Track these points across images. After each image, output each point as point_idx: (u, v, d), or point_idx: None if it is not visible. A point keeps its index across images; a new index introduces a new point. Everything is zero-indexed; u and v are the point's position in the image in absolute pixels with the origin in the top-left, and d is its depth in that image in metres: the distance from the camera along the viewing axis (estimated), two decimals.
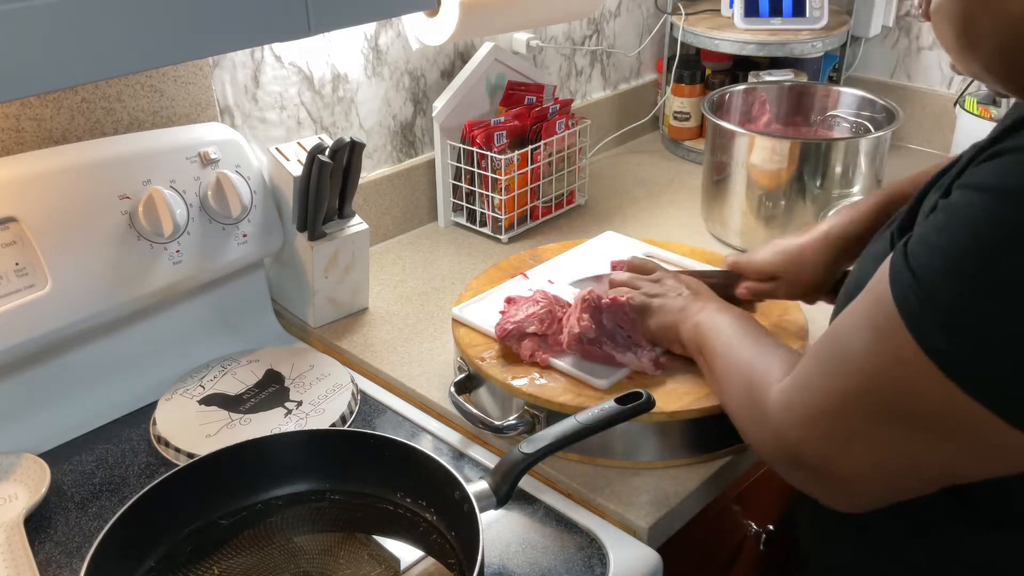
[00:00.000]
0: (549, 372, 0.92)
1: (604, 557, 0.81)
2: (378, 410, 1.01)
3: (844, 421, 0.62)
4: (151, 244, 0.98)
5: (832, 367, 0.63)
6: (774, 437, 0.69)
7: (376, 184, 1.33)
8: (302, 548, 0.80)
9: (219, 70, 1.12)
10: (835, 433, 0.63)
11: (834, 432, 0.63)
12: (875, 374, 0.59)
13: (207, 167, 1.02)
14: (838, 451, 0.63)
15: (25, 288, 0.90)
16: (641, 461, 0.89)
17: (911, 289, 0.56)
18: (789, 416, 0.67)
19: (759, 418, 0.71)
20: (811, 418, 0.64)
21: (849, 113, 1.43)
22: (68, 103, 0.98)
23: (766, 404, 0.70)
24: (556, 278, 1.09)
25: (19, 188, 0.90)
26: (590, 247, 1.17)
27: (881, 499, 0.65)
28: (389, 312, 1.18)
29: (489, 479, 0.77)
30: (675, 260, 1.12)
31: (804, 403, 0.65)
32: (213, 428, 0.95)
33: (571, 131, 1.39)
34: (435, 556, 0.78)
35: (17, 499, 0.85)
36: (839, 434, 0.63)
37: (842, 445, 0.63)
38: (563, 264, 1.13)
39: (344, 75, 1.25)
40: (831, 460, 0.64)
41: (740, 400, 0.76)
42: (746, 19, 1.56)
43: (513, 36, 1.42)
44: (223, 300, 1.11)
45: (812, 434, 0.64)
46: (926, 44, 1.69)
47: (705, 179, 1.38)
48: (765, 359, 0.76)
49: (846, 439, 0.62)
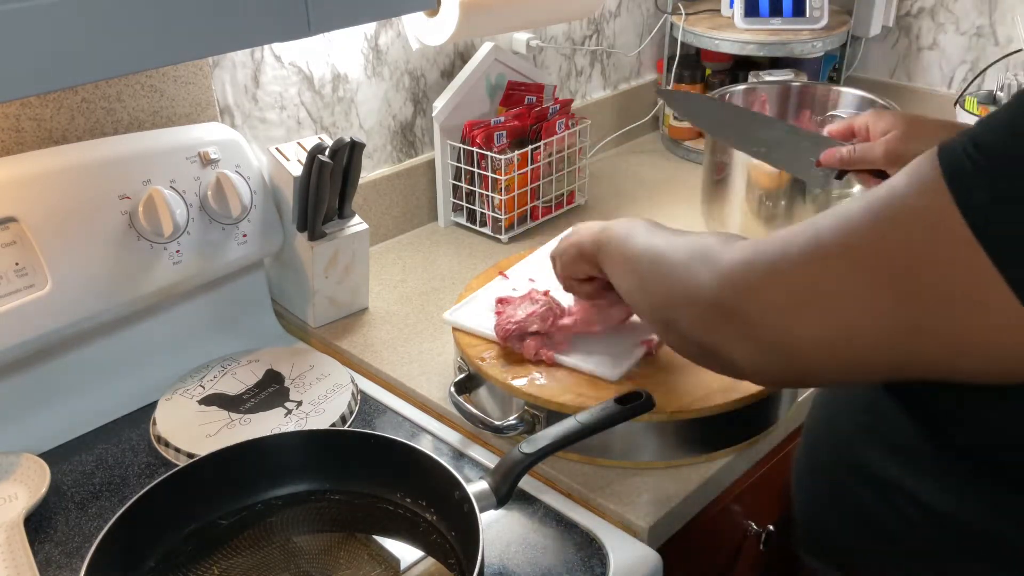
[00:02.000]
0: (549, 372, 0.92)
1: (604, 557, 0.81)
2: (378, 410, 1.01)
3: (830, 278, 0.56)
4: (151, 244, 0.98)
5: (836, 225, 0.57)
6: (710, 285, 0.63)
7: (376, 184, 1.33)
8: (302, 548, 0.80)
9: (219, 70, 1.12)
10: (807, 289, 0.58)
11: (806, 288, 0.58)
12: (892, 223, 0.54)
13: (207, 167, 1.02)
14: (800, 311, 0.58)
15: (25, 288, 0.90)
16: (641, 461, 0.89)
17: (964, 151, 0.51)
18: (749, 264, 0.61)
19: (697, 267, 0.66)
20: (780, 270, 0.59)
21: (849, 113, 1.43)
22: (68, 103, 0.98)
23: (717, 255, 0.64)
24: (536, 275, 1.09)
25: (19, 188, 0.90)
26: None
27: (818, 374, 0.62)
28: (389, 312, 1.18)
29: (489, 479, 0.77)
30: None
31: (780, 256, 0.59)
32: (213, 428, 0.95)
33: (571, 131, 1.39)
34: (435, 556, 0.78)
35: (17, 499, 0.85)
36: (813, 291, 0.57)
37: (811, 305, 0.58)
38: (539, 261, 1.13)
39: (344, 75, 1.25)
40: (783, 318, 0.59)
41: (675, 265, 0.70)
42: (746, 19, 1.56)
43: (513, 36, 1.42)
44: (223, 300, 1.11)
45: (772, 286, 0.59)
46: (926, 44, 1.69)
47: (705, 179, 1.38)
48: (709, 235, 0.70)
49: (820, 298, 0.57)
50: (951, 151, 0.52)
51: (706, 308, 0.65)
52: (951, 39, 1.65)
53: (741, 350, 0.63)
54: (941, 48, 1.67)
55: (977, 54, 1.63)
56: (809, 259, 0.58)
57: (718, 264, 0.64)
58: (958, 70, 1.66)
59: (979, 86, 1.60)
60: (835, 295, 0.56)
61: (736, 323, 0.62)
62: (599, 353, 0.93)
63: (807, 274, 0.58)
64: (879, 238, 0.55)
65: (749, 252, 0.62)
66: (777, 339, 0.60)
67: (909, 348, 0.56)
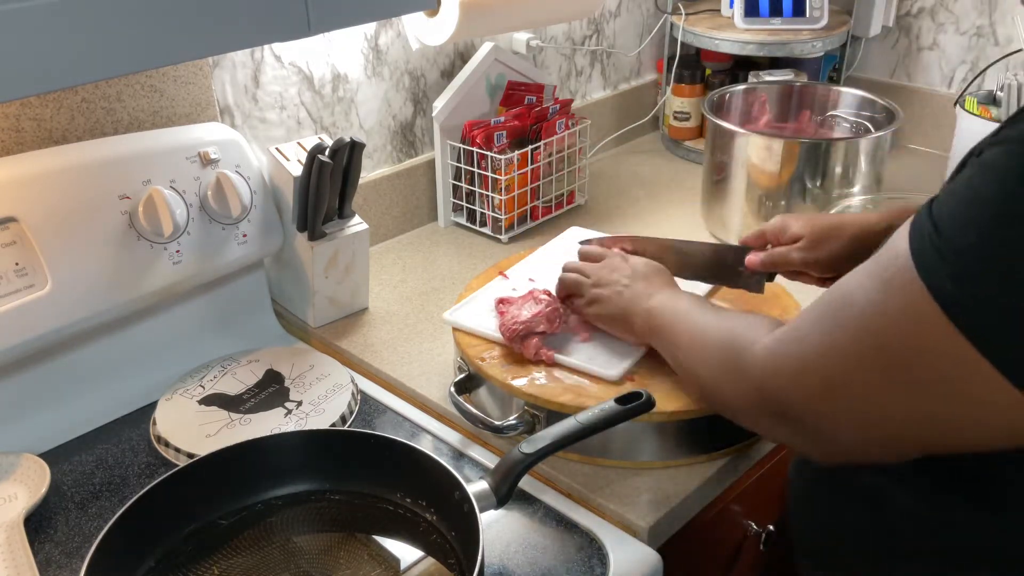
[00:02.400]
0: (549, 372, 0.92)
1: (604, 557, 0.81)
2: (378, 410, 1.01)
3: (841, 373, 0.61)
4: (151, 244, 0.98)
5: (833, 317, 0.62)
6: (756, 389, 0.68)
7: (376, 184, 1.33)
8: (302, 548, 0.80)
9: (219, 70, 1.12)
10: (828, 386, 0.62)
11: (827, 385, 0.62)
12: (879, 323, 0.58)
13: (207, 167, 1.02)
14: (829, 406, 0.63)
15: (25, 288, 0.90)
16: (641, 461, 0.89)
17: (929, 238, 0.55)
18: (777, 367, 0.66)
19: (738, 373, 0.71)
20: (802, 368, 0.64)
21: (849, 113, 1.43)
22: (68, 103, 0.98)
23: (748, 359, 0.69)
24: (536, 275, 1.09)
25: (19, 188, 0.90)
26: (559, 243, 1.18)
27: (864, 453, 0.66)
28: (389, 312, 1.18)
29: (489, 479, 0.77)
30: None
31: (797, 353, 0.65)
32: (213, 428, 0.95)
33: (571, 131, 1.39)
34: (435, 556, 0.78)
35: (17, 499, 0.85)
36: (832, 387, 0.62)
37: (834, 399, 0.62)
38: (537, 262, 1.13)
39: (344, 75, 1.25)
40: (818, 412, 0.64)
41: (715, 361, 0.76)
42: (746, 19, 1.56)
43: (513, 36, 1.42)
44: (223, 300, 1.11)
45: (799, 384, 0.64)
46: (926, 44, 1.69)
47: (705, 179, 1.38)
48: (746, 321, 0.75)
49: (836, 389, 0.62)
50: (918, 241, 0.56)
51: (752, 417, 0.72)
52: (951, 39, 1.65)
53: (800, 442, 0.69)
54: (941, 48, 1.67)
55: (977, 54, 1.63)
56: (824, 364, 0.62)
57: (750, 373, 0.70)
58: (958, 70, 1.66)
59: (979, 86, 1.60)
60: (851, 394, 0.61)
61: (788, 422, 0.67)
62: (599, 353, 0.94)
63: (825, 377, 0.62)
64: (876, 335, 0.59)
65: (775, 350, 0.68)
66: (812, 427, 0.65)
67: (931, 431, 0.60)
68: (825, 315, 0.63)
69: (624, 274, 0.94)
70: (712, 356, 0.76)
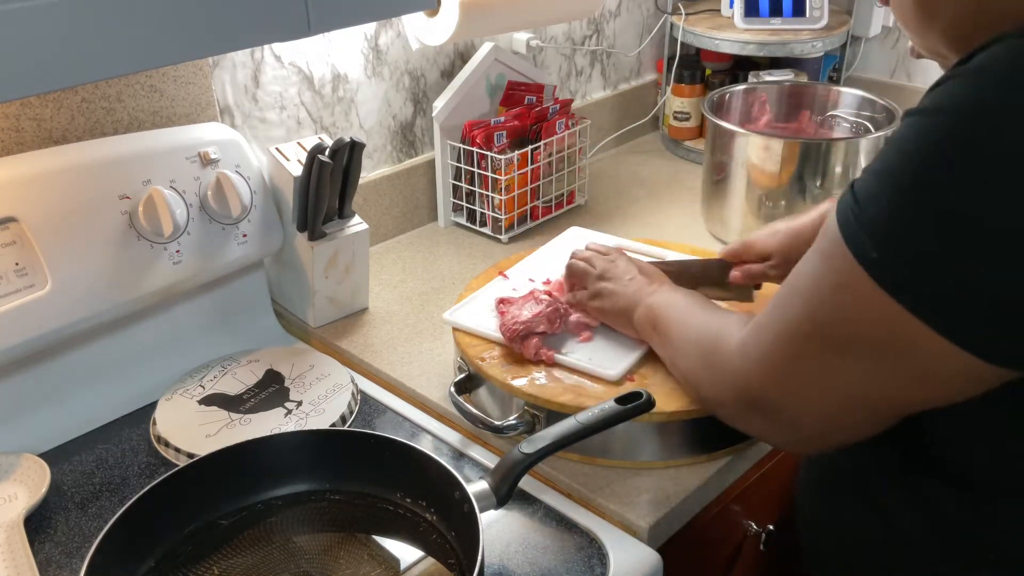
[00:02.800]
0: (549, 372, 0.92)
1: (604, 557, 0.81)
2: (378, 410, 1.01)
3: (792, 355, 0.64)
4: (151, 244, 0.98)
5: (784, 304, 0.65)
6: (731, 384, 0.71)
7: (376, 184, 1.33)
8: (302, 548, 0.80)
9: (219, 70, 1.12)
10: (785, 370, 0.65)
11: (784, 369, 0.65)
12: (818, 299, 0.61)
13: (207, 167, 1.02)
14: (789, 389, 0.65)
15: (25, 288, 0.90)
16: (641, 461, 0.89)
17: (850, 209, 0.59)
18: (745, 359, 0.69)
19: (716, 368, 0.73)
20: (763, 356, 0.66)
21: (849, 113, 1.43)
22: (68, 103, 0.98)
23: (725, 354, 0.72)
24: (536, 275, 1.09)
25: (19, 188, 0.90)
26: (559, 244, 1.18)
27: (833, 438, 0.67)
28: (389, 312, 1.18)
29: (489, 479, 0.77)
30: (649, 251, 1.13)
31: (758, 342, 0.67)
32: (213, 428, 0.95)
33: (571, 131, 1.39)
34: (435, 556, 0.78)
35: (17, 499, 0.85)
36: (786, 368, 0.65)
37: (792, 383, 0.65)
38: (537, 262, 1.13)
39: (344, 75, 1.25)
40: (783, 400, 0.66)
41: (696, 358, 0.78)
42: (746, 19, 1.56)
43: (513, 36, 1.42)
44: (223, 300, 1.11)
45: (765, 373, 0.67)
46: None
47: (705, 179, 1.38)
48: (724, 318, 0.78)
49: (793, 373, 0.64)
50: (843, 215, 0.59)
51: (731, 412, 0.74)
52: None
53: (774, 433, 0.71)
54: None
55: None
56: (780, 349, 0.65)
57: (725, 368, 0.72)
58: None
59: None
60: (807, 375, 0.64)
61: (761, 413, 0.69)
62: (599, 352, 0.94)
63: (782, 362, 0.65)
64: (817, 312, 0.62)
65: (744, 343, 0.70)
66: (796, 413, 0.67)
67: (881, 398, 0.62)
68: (778, 302, 0.66)
69: (628, 270, 0.96)
70: (692, 352, 0.80)
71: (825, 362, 0.62)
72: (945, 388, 0.60)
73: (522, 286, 1.06)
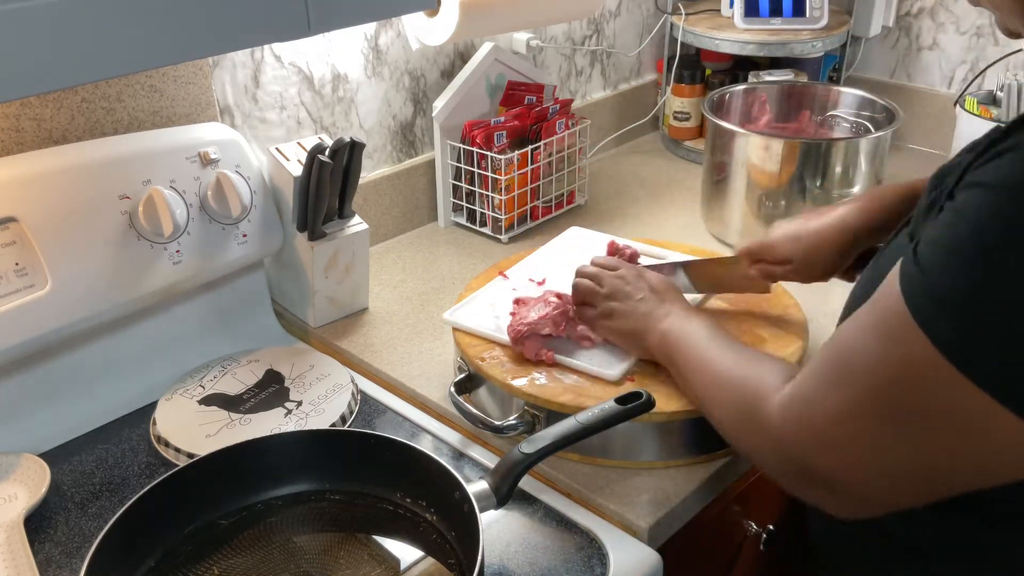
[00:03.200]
0: (549, 372, 0.92)
1: (604, 557, 0.81)
2: (378, 410, 1.01)
3: (853, 430, 0.61)
4: (151, 244, 0.98)
5: (839, 376, 0.62)
6: (778, 452, 0.68)
7: (376, 184, 1.33)
8: (302, 548, 0.80)
9: (219, 70, 1.12)
10: (843, 443, 0.62)
11: (842, 442, 0.62)
12: (885, 378, 0.59)
13: (207, 167, 1.02)
14: (847, 461, 0.63)
15: (25, 288, 0.90)
16: (641, 461, 0.89)
17: (920, 286, 0.57)
18: (794, 430, 0.66)
19: (758, 432, 0.70)
20: (818, 431, 0.63)
21: (849, 113, 1.43)
22: (68, 103, 0.98)
23: (765, 418, 0.69)
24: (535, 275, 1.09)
25: (19, 188, 0.90)
26: (559, 243, 1.18)
27: (895, 505, 0.65)
28: (389, 312, 1.18)
29: (489, 479, 0.77)
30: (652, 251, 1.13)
31: (811, 415, 0.64)
32: (213, 428, 0.95)
33: (571, 131, 1.39)
34: (435, 556, 0.78)
35: (17, 499, 0.85)
36: (848, 444, 0.62)
37: (852, 454, 0.62)
38: (537, 262, 1.13)
39: (344, 75, 1.25)
40: (841, 471, 0.63)
41: (731, 413, 0.75)
42: (746, 19, 1.56)
43: (513, 36, 1.42)
44: (223, 300, 1.11)
45: (820, 446, 0.64)
46: (926, 44, 1.69)
47: (705, 179, 1.38)
48: (756, 369, 0.74)
49: (855, 448, 0.62)
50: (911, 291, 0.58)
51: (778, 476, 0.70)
52: (951, 39, 1.65)
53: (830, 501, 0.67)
54: (941, 48, 1.67)
55: (977, 54, 1.63)
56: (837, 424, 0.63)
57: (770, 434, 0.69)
58: (958, 70, 1.66)
59: (979, 86, 1.60)
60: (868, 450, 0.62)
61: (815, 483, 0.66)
62: (599, 353, 0.94)
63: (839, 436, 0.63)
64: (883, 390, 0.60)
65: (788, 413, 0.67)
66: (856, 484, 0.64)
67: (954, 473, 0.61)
68: (829, 375, 0.64)
69: (638, 288, 0.92)
70: (730, 405, 0.75)
71: (890, 438, 0.60)
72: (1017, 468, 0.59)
73: (522, 286, 1.06)
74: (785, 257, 0.96)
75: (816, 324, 1.04)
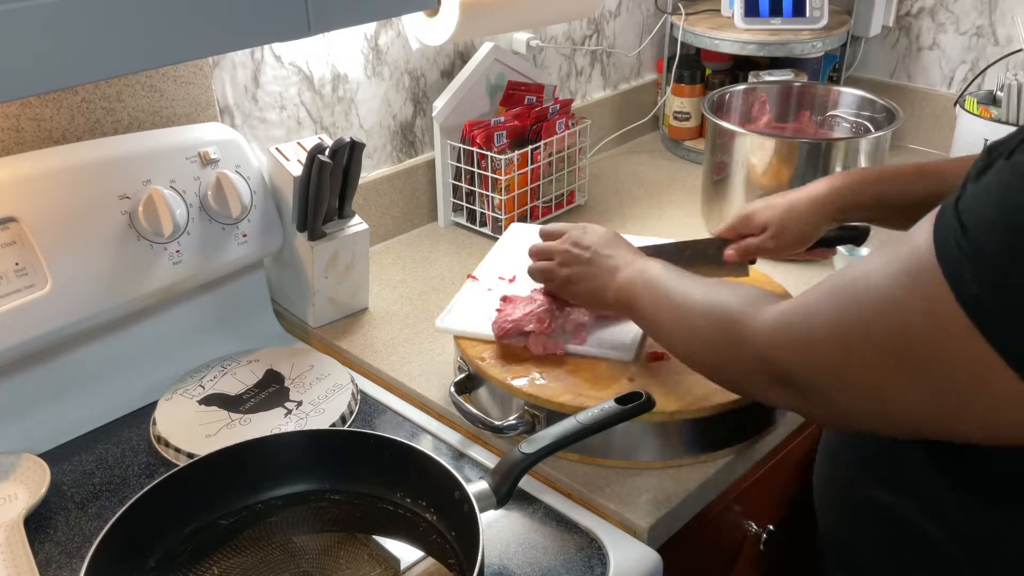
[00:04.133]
0: (549, 372, 0.92)
1: (604, 557, 0.81)
2: (378, 410, 1.01)
3: (849, 353, 0.61)
4: (151, 244, 0.98)
5: (849, 298, 0.61)
6: (759, 361, 0.68)
7: (376, 184, 1.33)
8: (302, 548, 0.80)
9: (219, 70, 1.12)
10: (836, 363, 0.62)
11: (834, 361, 0.62)
12: (898, 316, 0.57)
13: (207, 167, 1.02)
14: (836, 381, 0.62)
15: (25, 288, 0.90)
16: (641, 461, 0.89)
17: (956, 240, 0.55)
18: (782, 339, 0.65)
19: (738, 348, 0.70)
20: (810, 342, 0.63)
21: (849, 113, 1.43)
22: (68, 103, 0.98)
23: (749, 332, 0.69)
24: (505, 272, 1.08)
25: (19, 188, 0.90)
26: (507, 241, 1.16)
27: (871, 428, 0.66)
28: (389, 312, 1.18)
29: (489, 479, 0.77)
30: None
31: (807, 326, 0.63)
32: (213, 428, 0.95)
33: (571, 131, 1.39)
34: (435, 556, 0.78)
35: (17, 499, 0.85)
36: (840, 364, 0.61)
37: (841, 376, 0.62)
38: (497, 261, 1.11)
39: (344, 75, 1.25)
40: (827, 387, 0.63)
41: (711, 338, 0.74)
42: (746, 19, 1.56)
43: (513, 36, 1.42)
44: (223, 300, 1.11)
45: (808, 358, 0.64)
46: (926, 44, 1.69)
47: (705, 179, 1.38)
48: (736, 292, 0.75)
49: (846, 371, 0.61)
50: (943, 238, 0.56)
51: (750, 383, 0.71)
52: (951, 39, 1.65)
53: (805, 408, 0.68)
54: (941, 48, 1.67)
55: (977, 54, 1.63)
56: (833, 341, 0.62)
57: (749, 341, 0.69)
58: (958, 70, 1.66)
59: (979, 86, 1.60)
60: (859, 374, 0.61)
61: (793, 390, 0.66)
62: (608, 337, 0.94)
63: (833, 353, 0.62)
64: (892, 324, 0.58)
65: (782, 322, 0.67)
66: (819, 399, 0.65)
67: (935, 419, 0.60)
68: (837, 293, 0.62)
69: (585, 247, 0.92)
70: (706, 334, 0.75)
71: (883, 368, 0.59)
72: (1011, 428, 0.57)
73: (495, 285, 1.06)
74: (763, 223, 0.99)
75: None
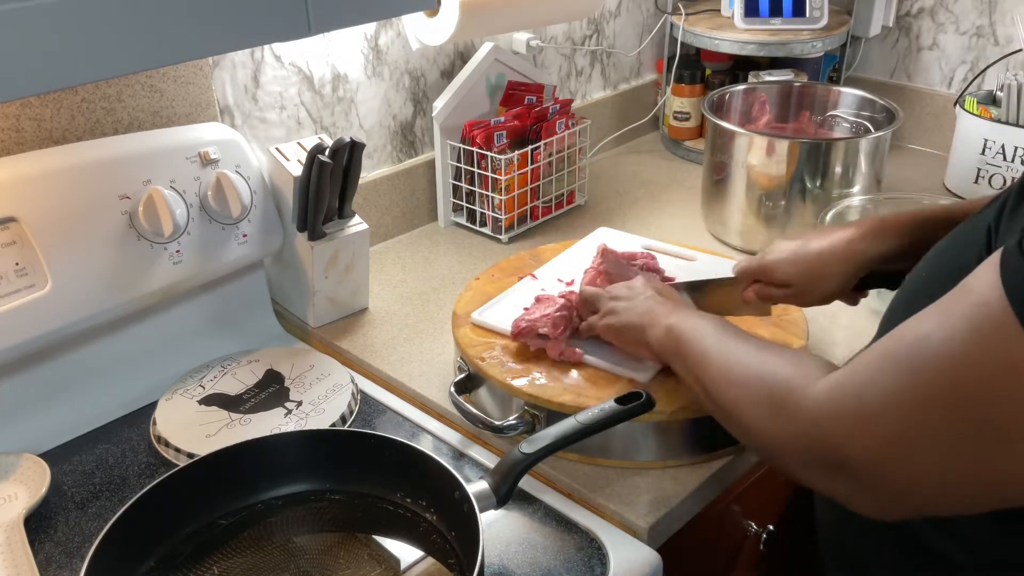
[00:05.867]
0: (549, 372, 0.92)
1: (604, 557, 0.81)
2: (378, 410, 1.01)
3: (910, 422, 0.56)
4: (151, 244, 0.98)
5: (909, 365, 0.56)
6: (807, 437, 0.62)
7: (376, 184, 1.33)
8: (302, 548, 0.80)
9: (219, 70, 1.12)
10: (897, 436, 0.57)
11: (896, 435, 0.57)
12: (964, 372, 0.53)
13: (207, 167, 1.02)
14: (896, 456, 0.57)
15: (25, 288, 0.90)
16: (641, 461, 0.89)
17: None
18: (835, 414, 0.60)
19: (786, 418, 0.65)
20: (868, 417, 0.58)
21: (849, 113, 1.43)
22: (68, 103, 0.98)
23: (800, 403, 0.63)
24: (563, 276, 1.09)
25: (19, 188, 0.90)
26: (587, 244, 1.18)
27: (934, 509, 0.61)
28: (389, 312, 1.18)
29: (489, 479, 0.77)
30: (675, 251, 1.13)
31: (863, 400, 0.59)
32: (213, 428, 0.95)
33: (571, 131, 1.39)
34: (435, 556, 0.78)
35: (17, 499, 0.85)
36: (898, 437, 0.57)
37: (903, 450, 0.57)
38: (564, 263, 1.13)
39: (344, 75, 1.25)
40: (884, 465, 0.58)
41: (757, 402, 0.69)
42: (746, 19, 1.56)
43: (513, 36, 1.42)
44: (223, 300, 1.11)
45: (865, 434, 0.58)
46: (926, 44, 1.69)
47: (705, 179, 1.38)
48: (790, 358, 0.69)
49: (905, 443, 0.57)
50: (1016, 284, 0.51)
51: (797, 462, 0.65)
52: (951, 39, 1.65)
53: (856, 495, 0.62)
54: (941, 48, 1.67)
55: (977, 54, 1.63)
56: (891, 415, 0.57)
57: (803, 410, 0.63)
58: (958, 70, 1.66)
59: (979, 86, 1.60)
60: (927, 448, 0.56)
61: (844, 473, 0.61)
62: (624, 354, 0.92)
63: (892, 428, 0.57)
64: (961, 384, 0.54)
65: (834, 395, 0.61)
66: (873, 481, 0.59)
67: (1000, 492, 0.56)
68: (892, 360, 0.58)
69: (643, 289, 0.91)
70: (753, 396, 0.69)
71: (955, 437, 0.54)
72: None
73: (550, 287, 1.06)
74: (783, 281, 0.92)
75: (816, 325, 1.04)
